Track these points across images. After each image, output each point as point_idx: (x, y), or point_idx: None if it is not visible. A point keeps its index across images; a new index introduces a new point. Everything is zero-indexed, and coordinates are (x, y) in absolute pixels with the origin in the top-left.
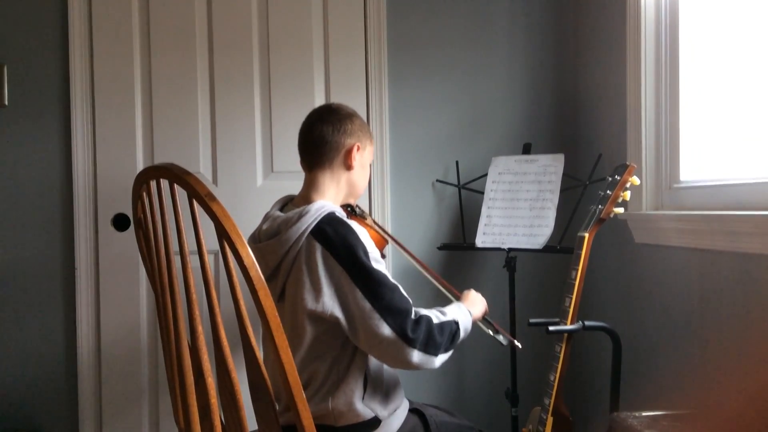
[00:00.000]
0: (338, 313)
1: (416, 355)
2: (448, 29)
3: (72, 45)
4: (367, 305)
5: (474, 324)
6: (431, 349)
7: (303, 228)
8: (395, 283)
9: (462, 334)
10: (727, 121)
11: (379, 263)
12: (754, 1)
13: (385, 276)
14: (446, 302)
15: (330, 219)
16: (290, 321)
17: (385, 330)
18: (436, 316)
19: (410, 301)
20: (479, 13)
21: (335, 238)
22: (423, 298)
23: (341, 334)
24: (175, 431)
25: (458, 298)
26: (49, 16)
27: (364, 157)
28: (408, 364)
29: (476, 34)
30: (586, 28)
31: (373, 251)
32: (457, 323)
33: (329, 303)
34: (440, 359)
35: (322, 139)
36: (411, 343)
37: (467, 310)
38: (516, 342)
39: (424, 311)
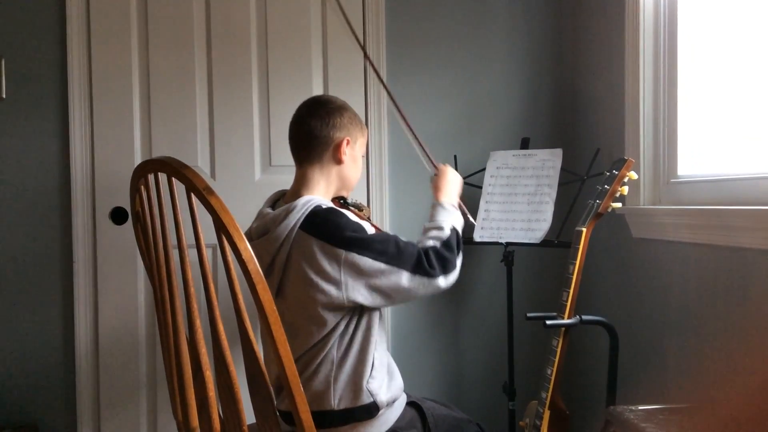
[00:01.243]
0: (357, 295)
1: (441, 281)
2: (446, 24)
3: (70, 38)
4: (383, 265)
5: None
6: (450, 268)
7: (291, 224)
8: (393, 234)
9: (460, 232)
10: (725, 116)
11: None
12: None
13: (381, 233)
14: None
15: (317, 210)
16: (296, 316)
17: (406, 278)
18: (437, 237)
19: (413, 242)
20: (478, 9)
21: (326, 225)
22: None
23: (347, 315)
24: (173, 425)
25: (435, 174)
26: (47, 8)
27: (355, 150)
28: (438, 291)
29: (475, 29)
30: (585, 22)
31: (364, 224)
32: (454, 229)
33: (344, 290)
34: (458, 266)
35: (310, 134)
36: (433, 275)
37: (451, 205)
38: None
39: (429, 242)
